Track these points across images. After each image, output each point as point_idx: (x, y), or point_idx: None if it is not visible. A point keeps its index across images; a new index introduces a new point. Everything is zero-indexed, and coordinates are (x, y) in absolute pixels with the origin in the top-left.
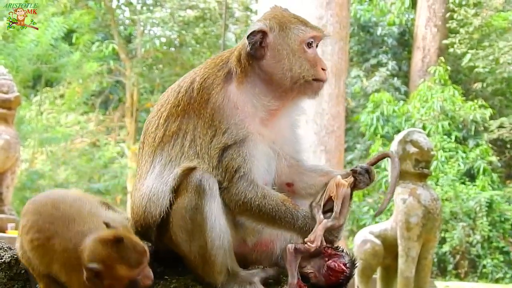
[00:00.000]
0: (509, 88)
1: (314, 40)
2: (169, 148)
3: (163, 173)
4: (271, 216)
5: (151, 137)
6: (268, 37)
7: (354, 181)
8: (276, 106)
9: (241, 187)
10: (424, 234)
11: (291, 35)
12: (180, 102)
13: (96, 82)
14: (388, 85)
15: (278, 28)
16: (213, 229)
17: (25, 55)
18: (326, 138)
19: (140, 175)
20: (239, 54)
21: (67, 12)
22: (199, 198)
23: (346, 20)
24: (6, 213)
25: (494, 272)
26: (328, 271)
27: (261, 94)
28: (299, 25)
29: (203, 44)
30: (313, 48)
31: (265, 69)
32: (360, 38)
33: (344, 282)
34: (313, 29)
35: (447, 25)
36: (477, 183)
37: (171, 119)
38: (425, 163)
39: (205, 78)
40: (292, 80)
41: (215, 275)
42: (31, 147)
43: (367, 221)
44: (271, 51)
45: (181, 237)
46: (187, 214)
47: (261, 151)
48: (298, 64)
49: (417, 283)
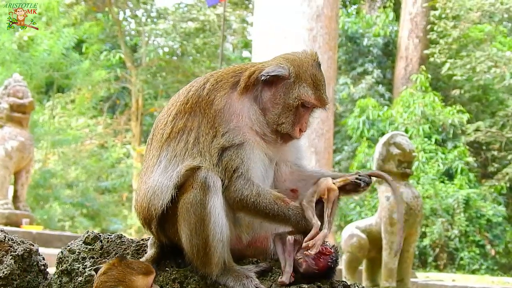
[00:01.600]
0: (485, 95)
1: (311, 105)
2: (175, 144)
3: (168, 167)
4: (266, 213)
5: (159, 134)
6: (282, 80)
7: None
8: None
9: (238, 185)
10: (406, 229)
11: (297, 91)
12: (189, 100)
13: (104, 88)
14: (373, 91)
15: (294, 79)
16: (216, 223)
17: (39, 64)
18: (316, 141)
19: (147, 169)
20: (253, 72)
21: (78, 23)
22: (204, 194)
23: (335, 32)
24: (21, 209)
25: (470, 264)
26: (317, 255)
27: (257, 112)
28: (309, 88)
29: (203, 54)
30: (306, 109)
31: (265, 100)
32: (347, 48)
33: (332, 265)
34: (317, 99)
35: (428, 36)
36: (455, 182)
37: (179, 116)
38: (407, 164)
39: (218, 81)
40: (276, 124)
41: (212, 267)
42: (44, 148)
43: (354, 217)
44: (276, 91)
45: (184, 229)
46: (192, 209)
47: (257, 156)
48: (285, 115)
49: (399, 274)
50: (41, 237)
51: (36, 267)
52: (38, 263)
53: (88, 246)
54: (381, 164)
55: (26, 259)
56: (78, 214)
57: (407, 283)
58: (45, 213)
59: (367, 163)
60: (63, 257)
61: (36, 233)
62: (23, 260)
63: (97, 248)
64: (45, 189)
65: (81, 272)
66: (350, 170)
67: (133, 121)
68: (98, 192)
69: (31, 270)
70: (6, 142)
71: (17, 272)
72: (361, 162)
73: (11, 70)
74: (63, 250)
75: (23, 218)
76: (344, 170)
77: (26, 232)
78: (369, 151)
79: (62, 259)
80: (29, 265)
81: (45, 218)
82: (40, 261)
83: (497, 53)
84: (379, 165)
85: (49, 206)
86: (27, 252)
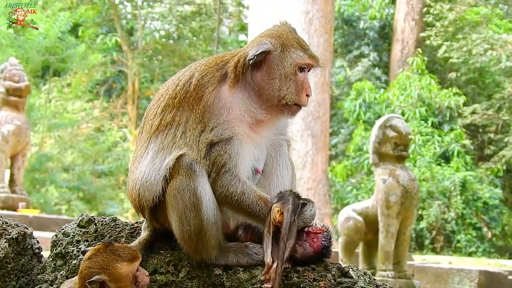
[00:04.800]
0: (481, 77)
1: (307, 67)
2: (162, 137)
3: (155, 159)
4: (247, 212)
5: (149, 124)
6: (269, 55)
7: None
8: (262, 115)
9: (225, 181)
10: (403, 211)
11: (289, 58)
12: (177, 95)
13: (100, 72)
14: (369, 74)
15: (280, 48)
16: (208, 207)
17: (35, 47)
18: (312, 124)
19: (135, 158)
20: (237, 61)
21: (73, 7)
22: (191, 179)
23: (331, 15)
24: (18, 193)
25: (467, 246)
26: (308, 236)
27: (249, 101)
28: (298, 50)
29: (199, 37)
30: (304, 73)
31: (258, 81)
32: (344, 31)
33: (327, 243)
34: (310, 57)
35: (424, 19)
36: (452, 165)
37: (167, 109)
38: (404, 146)
39: (203, 76)
40: (278, 99)
41: (209, 250)
42: (41, 132)
43: (351, 199)
44: (268, 67)
45: (173, 216)
46: (179, 195)
47: (247, 150)
48: (287, 86)
49: (396, 257)
50: (37, 220)
51: (30, 250)
52: (33, 246)
53: (82, 229)
54: (377, 147)
55: (21, 242)
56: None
57: (404, 266)
58: (41, 197)
59: (363, 146)
60: (57, 240)
61: (32, 216)
62: (17, 243)
63: (91, 231)
64: (41, 172)
65: (75, 255)
66: (347, 152)
67: (129, 104)
68: (94, 175)
69: (25, 253)
70: (3, 126)
71: (11, 255)
72: (358, 145)
73: (7, 54)
74: (57, 233)
75: (19, 201)
76: (340, 153)
77: (23, 215)
78: (366, 134)
79: (57, 242)
80: (23, 248)
81: (41, 202)
82: (34, 244)
83: (493, 35)
84: (375, 147)
85: (46, 190)
86: (22, 235)
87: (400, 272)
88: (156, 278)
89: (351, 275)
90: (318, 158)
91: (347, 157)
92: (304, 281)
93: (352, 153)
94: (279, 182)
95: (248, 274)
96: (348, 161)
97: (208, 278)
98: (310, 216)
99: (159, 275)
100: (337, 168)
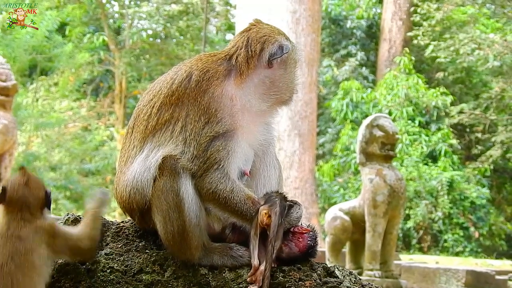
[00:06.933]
0: (468, 77)
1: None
2: (159, 134)
3: (149, 156)
4: (234, 210)
5: (142, 125)
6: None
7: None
8: (264, 108)
9: (215, 178)
10: (390, 211)
11: (295, 57)
12: (175, 92)
13: (87, 71)
14: (357, 74)
15: (291, 47)
16: (191, 209)
17: (22, 46)
18: (299, 123)
19: (127, 158)
20: (247, 57)
21: (61, 6)
22: (174, 181)
23: (318, 14)
24: None
25: (454, 246)
26: (294, 236)
27: (255, 94)
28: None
29: (186, 36)
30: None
31: (270, 77)
32: (331, 31)
33: (313, 243)
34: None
35: (411, 18)
36: (439, 164)
37: (164, 108)
38: (391, 146)
39: (205, 72)
40: (290, 93)
41: (192, 251)
42: (28, 131)
43: (338, 199)
44: (282, 65)
45: (157, 216)
46: (163, 195)
47: (243, 148)
48: (295, 81)
49: (383, 256)
50: None
51: None
52: None
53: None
54: (365, 146)
55: None
56: (62, 197)
57: (391, 265)
58: None
59: (350, 145)
60: None
61: None
62: None
63: None
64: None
65: None
66: (334, 152)
67: (116, 103)
68: (81, 174)
69: None
70: None
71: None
72: (345, 144)
73: None
74: None
75: None
76: (327, 153)
77: None
78: (353, 133)
79: None
80: None
81: None
82: None
83: (480, 35)
84: (363, 147)
85: None
86: None
87: (387, 272)
88: (142, 278)
89: (337, 274)
90: (305, 157)
91: (334, 156)
92: (289, 281)
93: (339, 152)
94: (266, 182)
95: (234, 273)
96: (335, 161)
97: (194, 278)
98: (297, 218)
99: (144, 275)
100: (324, 167)
